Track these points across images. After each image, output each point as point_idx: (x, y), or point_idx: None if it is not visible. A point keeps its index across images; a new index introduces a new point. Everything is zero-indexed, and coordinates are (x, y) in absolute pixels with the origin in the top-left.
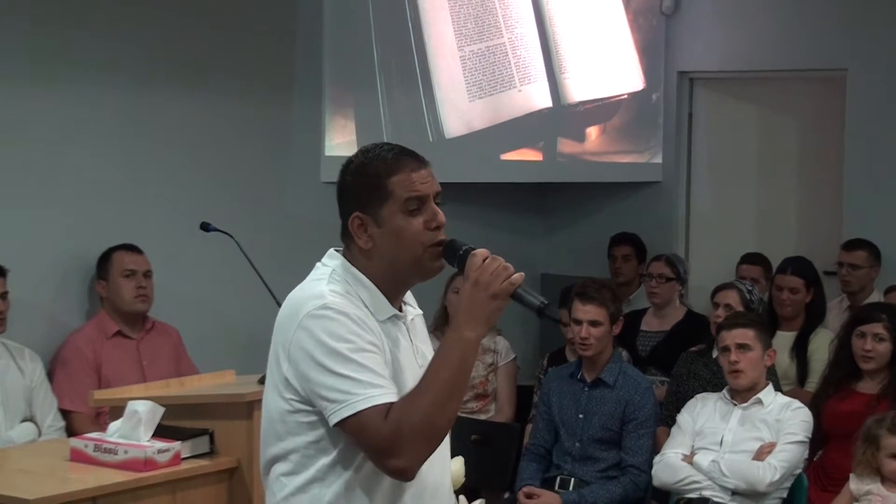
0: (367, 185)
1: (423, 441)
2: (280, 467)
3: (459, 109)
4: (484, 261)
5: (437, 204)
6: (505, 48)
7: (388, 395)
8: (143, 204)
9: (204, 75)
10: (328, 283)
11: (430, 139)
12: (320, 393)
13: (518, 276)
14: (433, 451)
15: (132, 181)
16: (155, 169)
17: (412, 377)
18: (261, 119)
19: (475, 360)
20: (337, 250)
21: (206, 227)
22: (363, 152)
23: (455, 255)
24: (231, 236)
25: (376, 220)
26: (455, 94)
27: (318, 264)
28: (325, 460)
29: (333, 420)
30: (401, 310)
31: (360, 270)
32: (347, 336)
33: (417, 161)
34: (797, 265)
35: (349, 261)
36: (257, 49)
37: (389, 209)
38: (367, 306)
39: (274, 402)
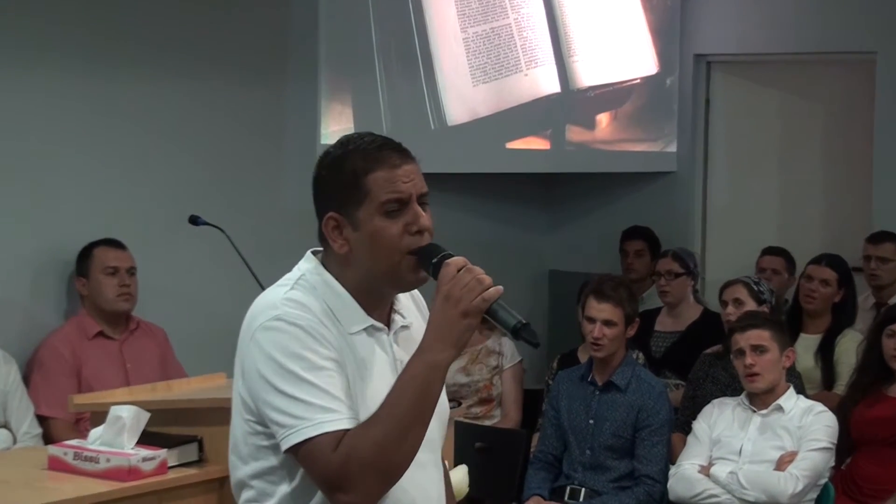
0: (342, 182)
1: (376, 476)
2: (246, 494)
3: (462, 95)
4: (458, 272)
5: (423, 205)
6: (510, 30)
7: (340, 421)
8: (127, 196)
9: (190, 58)
10: (290, 290)
11: (432, 126)
12: (270, 416)
13: (494, 291)
14: (389, 486)
15: (114, 172)
16: (139, 159)
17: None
18: (252, 105)
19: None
20: (315, 252)
21: (194, 220)
22: (342, 144)
23: (429, 262)
24: (221, 230)
25: (352, 222)
26: (458, 79)
27: (295, 267)
28: (287, 488)
29: (283, 446)
30: (388, 320)
31: (333, 276)
32: (300, 352)
33: (401, 155)
34: (833, 259)
35: (325, 264)
36: (248, 31)
37: (366, 210)
38: (335, 316)
39: (237, 422)
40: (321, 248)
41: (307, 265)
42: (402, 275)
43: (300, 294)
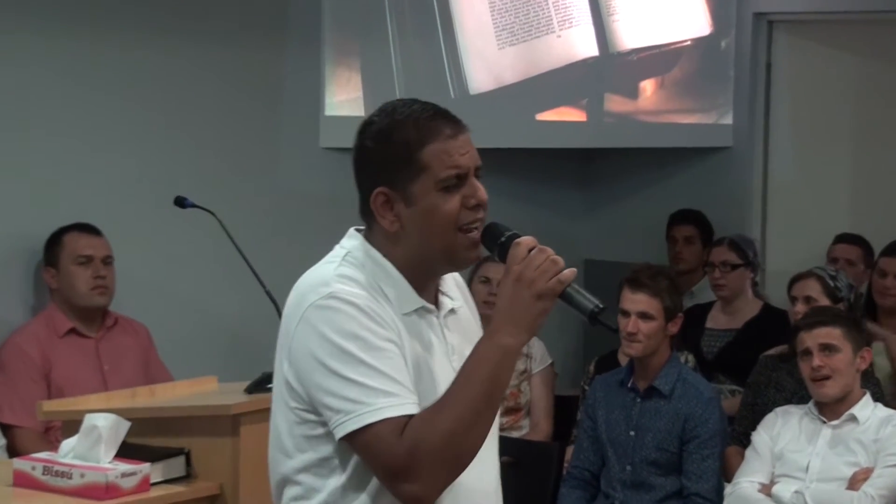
0: (394, 154)
1: (444, 466)
2: (291, 491)
3: (487, 59)
4: (529, 252)
5: (477, 178)
6: None
7: (404, 405)
8: (102, 175)
9: (175, 18)
10: (339, 266)
11: (452, 95)
12: (323, 401)
13: (569, 273)
14: (456, 477)
15: (88, 147)
16: (117, 132)
17: (444, 381)
18: (248, 72)
19: (512, 371)
20: (358, 230)
21: (181, 202)
22: (388, 112)
23: (496, 242)
24: (212, 213)
25: (405, 198)
26: (481, 41)
27: (336, 246)
28: (337, 481)
29: (339, 433)
30: (436, 301)
31: (382, 254)
32: (357, 331)
33: (455, 126)
34: None
35: (370, 242)
36: None
37: (422, 185)
38: (387, 296)
39: (280, 412)
40: (363, 227)
41: (352, 242)
42: (459, 252)
43: (351, 270)
